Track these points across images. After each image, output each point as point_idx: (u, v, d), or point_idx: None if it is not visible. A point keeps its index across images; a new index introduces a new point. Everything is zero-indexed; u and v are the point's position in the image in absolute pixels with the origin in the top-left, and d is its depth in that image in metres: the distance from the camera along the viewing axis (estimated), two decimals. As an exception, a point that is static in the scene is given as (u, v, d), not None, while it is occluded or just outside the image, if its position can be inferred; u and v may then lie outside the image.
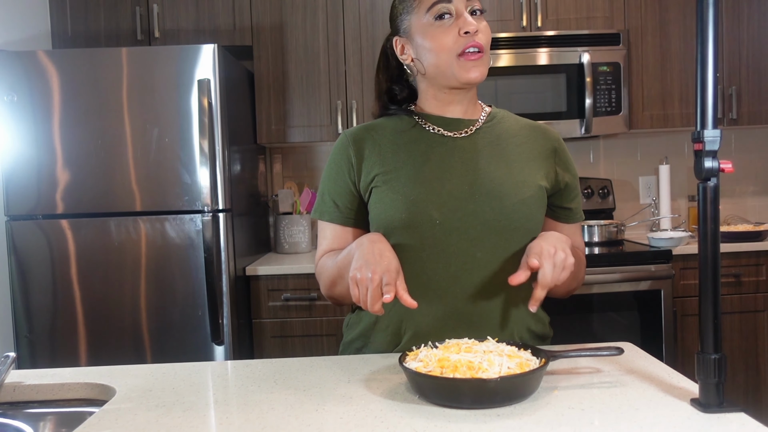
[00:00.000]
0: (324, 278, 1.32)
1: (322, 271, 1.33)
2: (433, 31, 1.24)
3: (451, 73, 1.25)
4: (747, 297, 2.74)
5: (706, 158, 0.89)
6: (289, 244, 3.05)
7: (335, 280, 1.28)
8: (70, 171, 2.46)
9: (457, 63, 1.23)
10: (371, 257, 1.11)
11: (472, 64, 1.23)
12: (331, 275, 1.29)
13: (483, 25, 1.25)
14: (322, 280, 1.34)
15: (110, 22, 2.94)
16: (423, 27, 1.26)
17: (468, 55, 1.22)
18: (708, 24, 0.87)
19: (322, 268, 1.33)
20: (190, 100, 2.45)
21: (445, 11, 1.24)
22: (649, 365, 1.13)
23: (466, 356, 0.99)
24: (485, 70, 1.25)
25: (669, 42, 3.00)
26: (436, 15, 1.24)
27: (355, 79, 2.97)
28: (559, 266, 1.10)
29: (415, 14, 1.27)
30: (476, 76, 1.23)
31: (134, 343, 2.49)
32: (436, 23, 1.24)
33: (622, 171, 3.40)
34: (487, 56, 1.25)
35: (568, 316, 2.61)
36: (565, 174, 1.35)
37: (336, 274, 1.26)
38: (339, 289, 1.29)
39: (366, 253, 1.12)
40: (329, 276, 1.29)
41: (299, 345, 2.69)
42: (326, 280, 1.32)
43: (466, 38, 1.22)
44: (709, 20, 0.87)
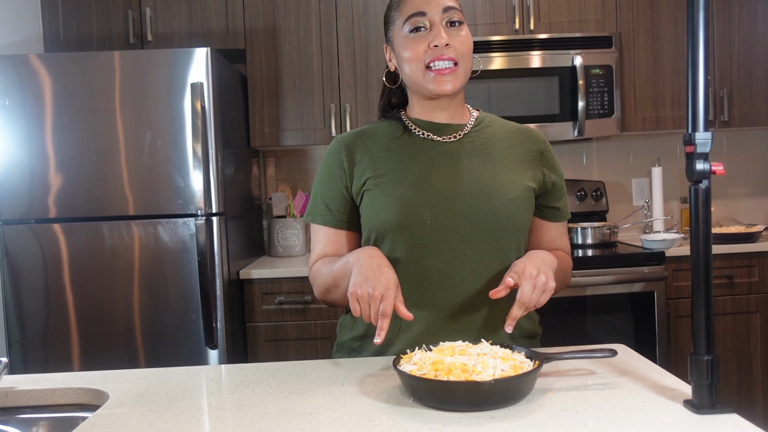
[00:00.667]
0: (318, 284, 1.35)
1: (317, 276, 1.35)
2: (408, 42, 1.28)
3: (423, 84, 1.29)
4: (740, 298, 2.76)
5: (697, 160, 0.89)
6: (282, 247, 3.04)
7: (330, 288, 1.31)
8: (63, 175, 2.45)
9: (426, 75, 1.27)
10: (370, 273, 1.13)
11: (442, 78, 1.26)
12: (326, 282, 1.31)
13: (462, 35, 1.28)
14: (317, 286, 1.36)
15: (102, 26, 2.93)
16: (401, 38, 1.30)
17: (437, 69, 1.26)
18: (698, 27, 0.88)
19: (316, 273, 1.35)
20: (183, 104, 2.45)
21: (420, 24, 1.27)
22: (642, 367, 1.14)
23: (460, 359, 1.00)
24: (458, 82, 1.28)
25: (661, 45, 3.02)
26: (412, 27, 1.28)
27: (349, 83, 2.97)
28: (539, 288, 1.14)
29: (396, 25, 1.32)
30: (447, 89, 1.27)
31: (127, 348, 2.48)
32: (410, 35, 1.28)
33: (615, 173, 3.41)
34: (461, 67, 1.27)
35: (562, 317, 2.62)
36: (551, 174, 1.37)
37: (331, 283, 1.29)
38: (333, 296, 1.33)
39: (365, 269, 1.14)
40: (324, 283, 1.32)
41: (293, 348, 2.69)
42: (321, 287, 1.34)
43: (435, 51, 1.25)
44: (699, 24, 0.88)
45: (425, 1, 1.28)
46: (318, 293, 1.36)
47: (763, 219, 3.40)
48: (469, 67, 1.31)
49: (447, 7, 1.27)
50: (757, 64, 3.04)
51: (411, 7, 1.28)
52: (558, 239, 1.43)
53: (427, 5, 1.27)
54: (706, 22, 0.89)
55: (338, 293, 1.29)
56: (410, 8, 1.28)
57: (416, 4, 1.28)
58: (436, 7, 1.27)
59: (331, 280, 1.29)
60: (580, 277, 2.59)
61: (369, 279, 1.12)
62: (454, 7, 1.29)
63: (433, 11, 1.27)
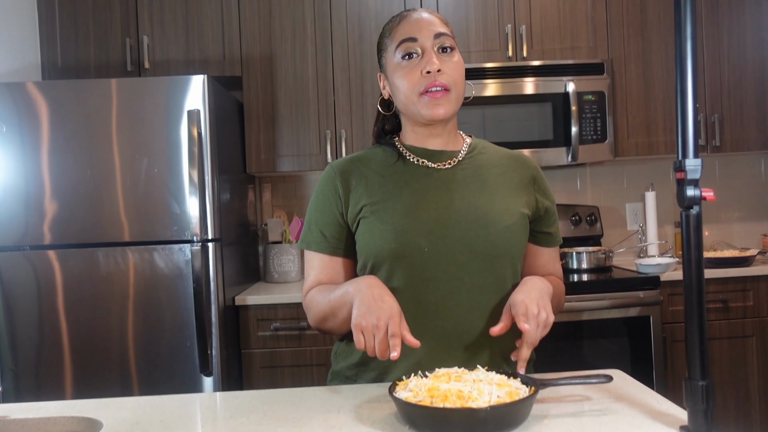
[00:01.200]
0: (314, 313, 1.34)
1: (312, 305, 1.34)
2: (400, 69, 1.29)
3: (416, 111, 1.29)
4: (735, 322, 2.76)
5: (688, 187, 0.90)
6: (278, 273, 3.04)
7: (326, 317, 1.30)
8: (58, 202, 2.46)
9: (420, 101, 1.27)
10: (373, 303, 1.13)
11: (435, 102, 1.26)
12: (322, 311, 1.30)
13: (453, 61, 1.29)
14: (312, 314, 1.35)
15: (100, 54, 2.96)
16: (394, 65, 1.31)
17: (430, 93, 1.26)
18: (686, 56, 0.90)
19: (311, 302, 1.34)
20: (179, 130, 2.46)
21: (412, 50, 1.28)
22: (638, 392, 1.14)
23: (456, 385, 0.99)
24: (451, 107, 1.28)
25: (652, 71, 3.06)
26: (404, 54, 1.29)
27: (344, 109, 3.00)
28: (542, 326, 1.15)
29: (388, 52, 1.33)
30: (440, 114, 1.27)
31: (121, 375, 2.46)
32: (403, 62, 1.29)
33: (609, 198, 3.43)
34: (454, 92, 1.28)
35: (558, 342, 2.61)
36: (544, 200, 1.38)
37: (328, 312, 1.29)
38: (329, 325, 1.32)
39: (367, 299, 1.14)
40: (320, 312, 1.31)
41: (289, 375, 2.67)
42: (316, 315, 1.33)
43: (428, 78, 1.26)
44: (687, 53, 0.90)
45: (416, 27, 1.29)
46: (313, 322, 1.35)
47: (756, 243, 3.41)
48: (462, 93, 1.31)
49: (438, 33, 1.29)
50: (747, 90, 3.08)
51: (402, 34, 1.29)
52: (551, 264, 1.43)
53: (419, 31, 1.28)
54: (694, 51, 0.90)
55: (335, 322, 1.29)
56: (401, 34, 1.30)
57: (407, 30, 1.29)
58: (427, 33, 1.28)
59: (328, 309, 1.28)
60: (576, 302, 2.59)
61: (372, 309, 1.12)
62: (446, 33, 1.30)
63: (424, 37, 1.28)
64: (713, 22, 3.07)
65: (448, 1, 3.02)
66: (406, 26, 1.30)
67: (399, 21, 1.32)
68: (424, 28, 1.29)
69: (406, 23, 1.31)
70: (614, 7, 3.04)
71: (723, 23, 3.07)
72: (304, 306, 1.38)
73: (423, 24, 1.29)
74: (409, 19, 1.31)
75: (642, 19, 3.05)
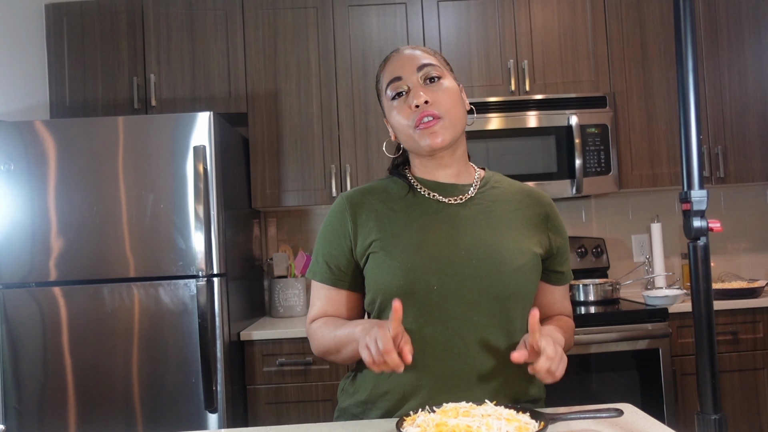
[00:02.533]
0: (317, 345, 1.34)
1: (316, 337, 1.34)
2: (394, 110, 1.31)
3: (415, 145, 1.30)
4: (745, 355, 2.72)
5: (694, 218, 0.90)
6: (284, 307, 3.03)
7: (330, 351, 1.31)
8: (64, 238, 2.47)
9: (415, 134, 1.28)
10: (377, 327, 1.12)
11: (428, 132, 1.26)
12: (326, 345, 1.31)
13: (442, 89, 1.28)
14: (315, 345, 1.35)
15: (108, 92, 3.00)
16: (388, 107, 1.33)
17: (423, 124, 1.26)
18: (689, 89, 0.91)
19: (316, 333, 1.34)
20: (185, 166, 2.48)
21: (400, 90, 1.30)
22: (649, 427, 1.12)
23: (464, 420, 0.98)
24: (447, 133, 1.27)
25: (654, 103, 3.08)
26: (393, 94, 1.31)
27: (349, 144, 3.02)
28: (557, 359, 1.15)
29: (383, 96, 1.35)
30: (437, 142, 1.26)
31: (125, 413, 2.44)
32: (394, 102, 1.31)
33: (614, 230, 3.42)
34: (448, 119, 1.27)
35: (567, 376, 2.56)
36: (557, 238, 1.36)
37: (332, 348, 1.29)
38: (332, 358, 1.32)
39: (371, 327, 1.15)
40: (324, 345, 1.31)
41: (294, 411, 2.64)
42: (319, 348, 1.34)
43: (417, 111, 1.26)
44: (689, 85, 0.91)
45: (399, 66, 1.31)
46: (315, 352, 1.36)
47: (764, 274, 3.39)
48: (458, 117, 1.29)
49: (421, 66, 1.29)
50: (749, 122, 3.09)
51: (389, 75, 1.32)
52: (560, 303, 1.42)
53: (401, 69, 1.30)
54: (696, 84, 0.91)
55: (338, 357, 1.29)
56: (388, 75, 1.32)
57: (392, 71, 1.31)
58: (410, 68, 1.29)
59: (332, 346, 1.28)
60: (584, 335, 2.57)
61: (374, 325, 1.13)
62: (429, 63, 1.30)
63: (407, 73, 1.29)
64: (714, 56, 3.10)
65: (451, 38, 3.06)
66: (390, 67, 1.33)
67: (385, 63, 1.35)
68: (406, 65, 1.30)
69: (390, 64, 1.33)
70: (615, 41, 3.08)
71: (723, 56, 3.10)
72: (308, 334, 1.37)
73: (405, 61, 1.31)
74: (393, 59, 1.34)
75: (643, 52, 3.09)
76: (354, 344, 1.20)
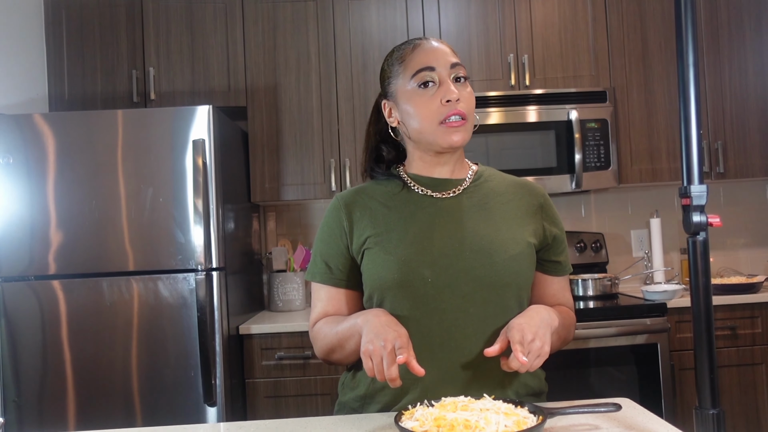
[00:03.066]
0: (321, 345, 1.33)
1: (319, 337, 1.33)
2: (417, 98, 1.28)
3: (433, 139, 1.28)
4: (744, 350, 2.73)
5: (694, 213, 0.90)
6: (282, 301, 3.03)
7: (334, 348, 1.30)
8: (64, 232, 2.46)
9: (438, 129, 1.27)
10: (381, 329, 1.13)
11: (454, 130, 1.26)
12: (329, 343, 1.30)
13: (467, 92, 1.29)
14: (318, 346, 1.34)
15: (107, 86, 2.99)
16: (408, 93, 1.30)
17: (450, 122, 1.26)
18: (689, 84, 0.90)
19: (318, 333, 1.34)
20: (184, 160, 2.48)
21: (429, 79, 1.28)
22: (647, 421, 1.12)
23: (462, 414, 0.98)
24: (467, 135, 1.28)
25: (654, 98, 3.07)
26: (420, 82, 1.28)
27: (348, 138, 3.02)
28: (533, 354, 1.12)
29: (401, 79, 1.31)
30: (458, 141, 1.27)
31: (125, 406, 2.44)
32: (419, 90, 1.28)
33: (613, 225, 3.42)
34: (469, 122, 1.28)
35: (565, 371, 2.58)
36: (552, 228, 1.36)
37: (336, 344, 1.28)
38: (337, 357, 1.31)
39: (375, 327, 1.14)
40: (327, 344, 1.31)
41: (293, 405, 2.64)
42: (324, 347, 1.33)
43: (448, 106, 1.25)
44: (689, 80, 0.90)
45: (433, 57, 1.29)
46: (320, 353, 1.35)
47: (763, 269, 3.39)
48: (473, 122, 1.32)
49: (454, 64, 1.29)
50: (750, 117, 3.09)
51: (418, 63, 1.29)
52: (560, 294, 1.42)
53: (436, 60, 1.28)
54: (696, 79, 0.91)
55: (342, 354, 1.28)
56: (417, 63, 1.29)
57: (424, 60, 1.29)
58: (444, 63, 1.28)
59: (335, 341, 1.28)
60: (583, 329, 2.57)
61: (380, 334, 1.12)
62: (460, 63, 1.30)
63: (441, 66, 1.28)
64: (714, 51, 3.09)
65: (451, 32, 3.05)
66: (422, 55, 1.29)
67: (412, 49, 1.31)
68: (441, 58, 1.29)
69: (421, 52, 1.30)
70: (615, 36, 3.07)
71: (724, 51, 3.10)
72: (311, 337, 1.37)
73: (439, 54, 1.29)
74: (424, 47, 1.31)
75: (643, 47, 3.08)
76: (357, 337, 1.20)
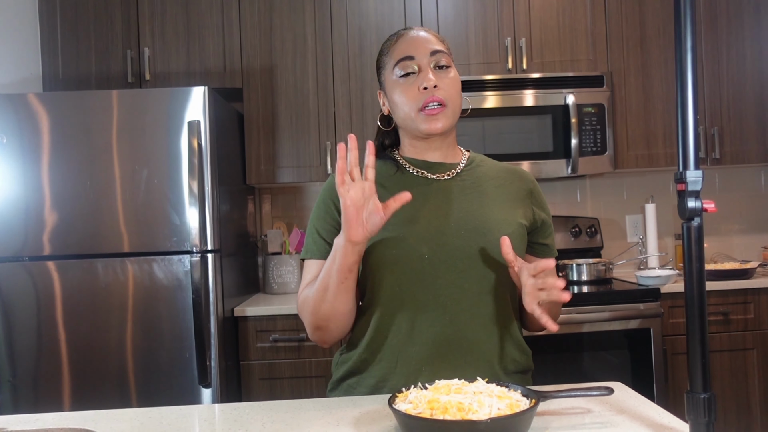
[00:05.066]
0: (308, 304, 1.29)
1: (306, 300, 1.30)
2: (399, 86, 1.34)
3: (416, 126, 1.33)
4: (736, 335, 2.75)
5: (689, 198, 0.90)
6: (278, 284, 3.03)
7: (321, 296, 1.25)
8: (58, 212, 2.46)
9: (418, 116, 1.32)
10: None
11: (433, 117, 1.31)
12: (315, 298, 1.26)
13: (449, 78, 1.33)
14: (307, 311, 1.30)
15: (101, 66, 2.97)
16: (393, 83, 1.35)
17: (428, 110, 1.30)
18: (687, 69, 0.90)
19: (305, 299, 1.31)
20: (180, 142, 2.47)
21: (409, 68, 1.33)
22: (639, 405, 1.13)
23: (456, 397, 0.99)
24: (448, 121, 1.32)
25: (651, 83, 3.07)
26: (402, 72, 1.34)
27: (344, 121, 3.01)
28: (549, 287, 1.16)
29: (387, 70, 1.38)
30: (438, 127, 1.31)
31: (120, 387, 2.45)
32: (401, 80, 1.34)
33: (609, 210, 3.43)
34: (450, 107, 1.32)
35: (559, 354, 2.60)
36: (540, 212, 1.41)
37: (320, 288, 1.25)
38: (324, 310, 1.26)
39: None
40: (314, 296, 1.27)
41: (288, 387, 2.66)
42: (311, 303, 1.28)
43: (425, 93, 1.30)
44: (687, 65, 0.90)
45: (413, 46, 1.34)
46: (309, 316, 1.30)
47: (757, 255, 3.41)
48: (458, 107, 1.35)
49: (434, 51, 1.33)
50: (747, 103, 3.09)
51: (400, 52, 1.34)
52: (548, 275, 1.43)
53: (415, 49, 1.33)
54: (694, 63, 0.91)
55: (328, 299, 1.24)
56: (399, 53, 1.34)
57: (404, 49, 1.34)
58: (423, 51, 1.33)
59: (320, 286, 1.25)
60: (576, 314, 2.59)
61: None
62: (442, 50, 1.34)
63: (421, 55, 1.33)
64: (712, 37, 3.08)
65: (449, 14, 3.03)
66: (403, 45, 1.35)
67: (396, 40, 1.38)
68: (421, 46, 1.33)
69: (403, 42, 1.36)
70: (614, 20, 3.06)
71: (722, 37, 3.09)
72: (299, 308, 1.34)
73: (419, 42, 1.34)
74: (406, 37, 1.36)
75: (641, 32, 3.06)
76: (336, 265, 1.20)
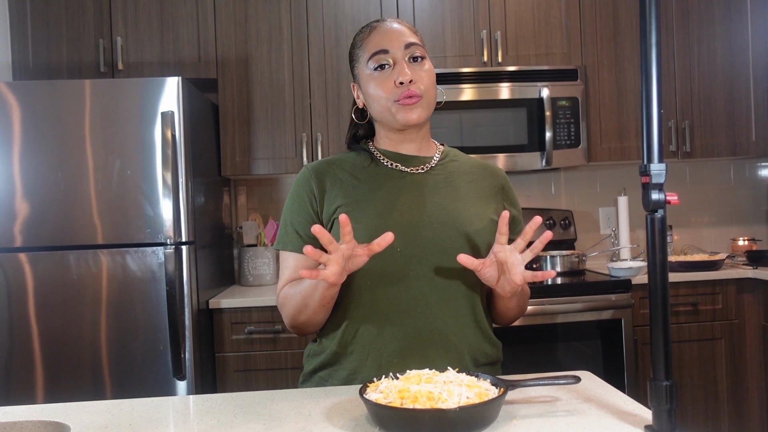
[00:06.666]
0: (288, 308, 1.34)
1: (286, 301, 1.34)
2: (374, 80, 1.33)
3: (392, 118, 1.33)
4: (704, 325, 2.81)
5: (652, 191, 0.92)
6: (253, 276, 3.03)
7: (300, 309, 1.30)
8: (30, 204, 2.42)
9: (394, 108, 1.32)
10: None
11: (408, 108, 1.31)
12: (295, 305, 1.31)
13: (423, 70, 1.33)
14: (286, 310, 1.35)
15: (73, 54, 2.92)
16: (367, 77, 1.35)
17: (404, 100, 1.30)
18: (651, 64, 0.92)
19: (285, 297, 1.35)
20: (153, 132, 2.45)
21: (384, 62, 1.33)
22: (605, 393, 1.16)
23: (426, 387, 1.00)
24: (424, 112, 1.33)
25: (624, 77, 3.10)
26: (376, 65, 1.33)
27: (320, 112, 3.00)
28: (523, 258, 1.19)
29: (361, 63, 1.37)
30: (414, 118, 1.32)
31: (94, 380, 2.43)
32: (375, 73, 1.33)
33: (582, 202, 3.47)
34: (425, 99, 1.33)
35: (532, 345, 2.64)
36: (512, 209, 1.44)
37: (301, 303, 1.29)
38: (303, 318, 1.31)
39: None
40: (294, 305, 1.31)
41: (263, 378, 2.66)
42: (291, 310, 1.33)
43: (401, 87, 1.30)
44: (652, 60, 0.92)
45: (387, 39, 1.33)
46: (287, 318, 1.35)
47: (726, 247, 3.48)
48: (433, 99, 1.36)
49: (408, 44, 1.33)
50: (717, 98, 3.14)
51: (373, 46, 1.33)
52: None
53: (389, 42, 1.32)
54: (659, 59, 0.92)
55: (308, 312, 1.28)
56: (373, 46, 1.34)
57: (378, 42, 1.33)
58: (398, 44, 1.32)
59: (300, 300, 1.28)
60: (549, 305, 2.62)
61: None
62: (416, 42, 1.34)
63: (395, 48, 1.32)
64: (684, 32, 3.13)
65: (425, 7, 3.04)
66: (377, 37, 1.34)
67: (369, 32, 1.36)
68: (395, 39, 1.33)
69: (377, 35, 1.35)
70: (588, 14, 3.08)
71: (693, 33, 3.13)
72: (279, 304, 1.38)
73: (393, 35, 1.33)
74: (380, 30, 1.35)
75: (615, 26, 3.10)
76: (319, 289, 1.22)
